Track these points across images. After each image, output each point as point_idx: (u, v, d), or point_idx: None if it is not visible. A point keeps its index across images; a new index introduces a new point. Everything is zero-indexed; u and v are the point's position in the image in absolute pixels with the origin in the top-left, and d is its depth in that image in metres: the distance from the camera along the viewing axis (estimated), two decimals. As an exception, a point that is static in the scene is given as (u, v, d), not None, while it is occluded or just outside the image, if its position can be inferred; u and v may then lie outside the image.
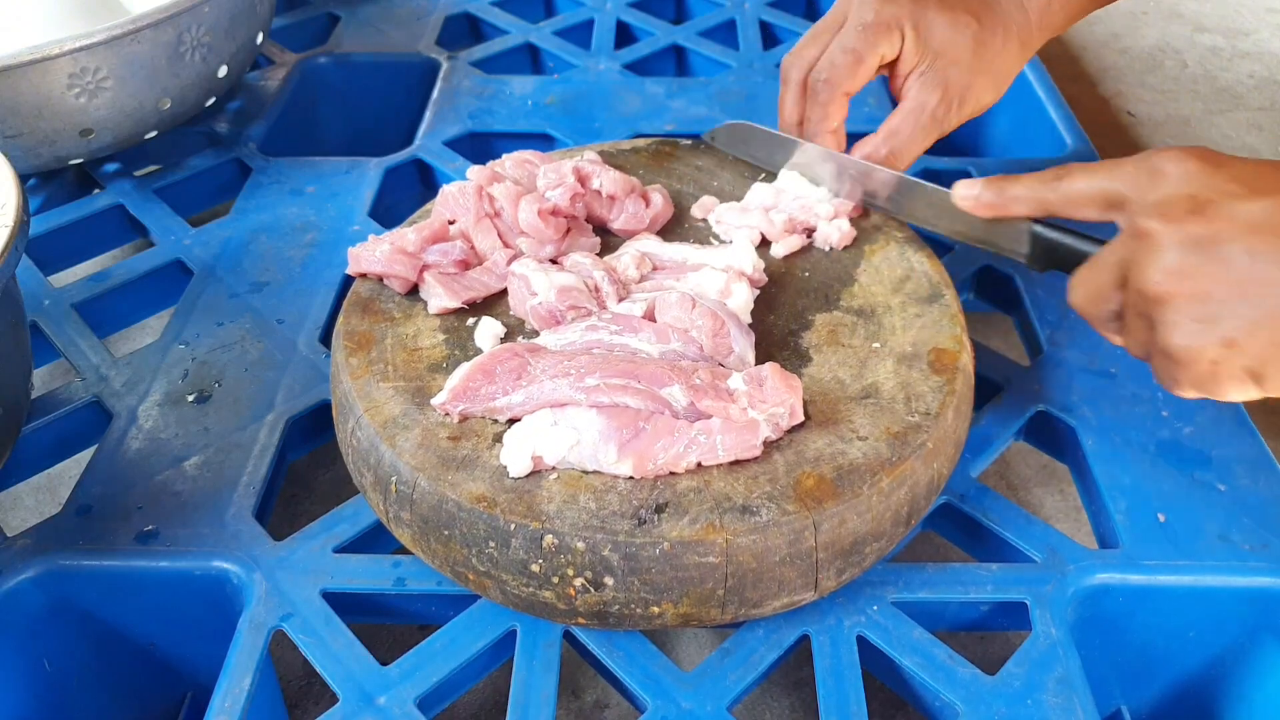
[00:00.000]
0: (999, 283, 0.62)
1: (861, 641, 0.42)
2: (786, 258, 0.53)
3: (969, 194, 0.47)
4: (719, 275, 0.48)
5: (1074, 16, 0.58)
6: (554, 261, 0.51)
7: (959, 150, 0.86)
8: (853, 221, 0.54)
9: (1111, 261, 0.40)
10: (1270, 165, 0.38)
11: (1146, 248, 0.38)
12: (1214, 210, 0.37)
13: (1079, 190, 0.42)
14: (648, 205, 0.54)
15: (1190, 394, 0.39)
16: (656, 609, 0.40)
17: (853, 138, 0.73)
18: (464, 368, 0.44)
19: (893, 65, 0.54)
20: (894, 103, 0.57)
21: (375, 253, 0.50)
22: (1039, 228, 0.47)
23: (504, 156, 0.56)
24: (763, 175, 0.58)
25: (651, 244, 0.52)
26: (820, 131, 0.54)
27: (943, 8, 0.53)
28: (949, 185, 0.73)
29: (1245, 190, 0.37)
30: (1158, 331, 0.38)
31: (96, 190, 0.69)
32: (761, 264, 0.51)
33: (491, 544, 0.40)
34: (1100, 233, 0.45)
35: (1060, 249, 0.46)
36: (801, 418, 0.42)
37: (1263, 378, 0.37)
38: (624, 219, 0.54)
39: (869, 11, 0.52)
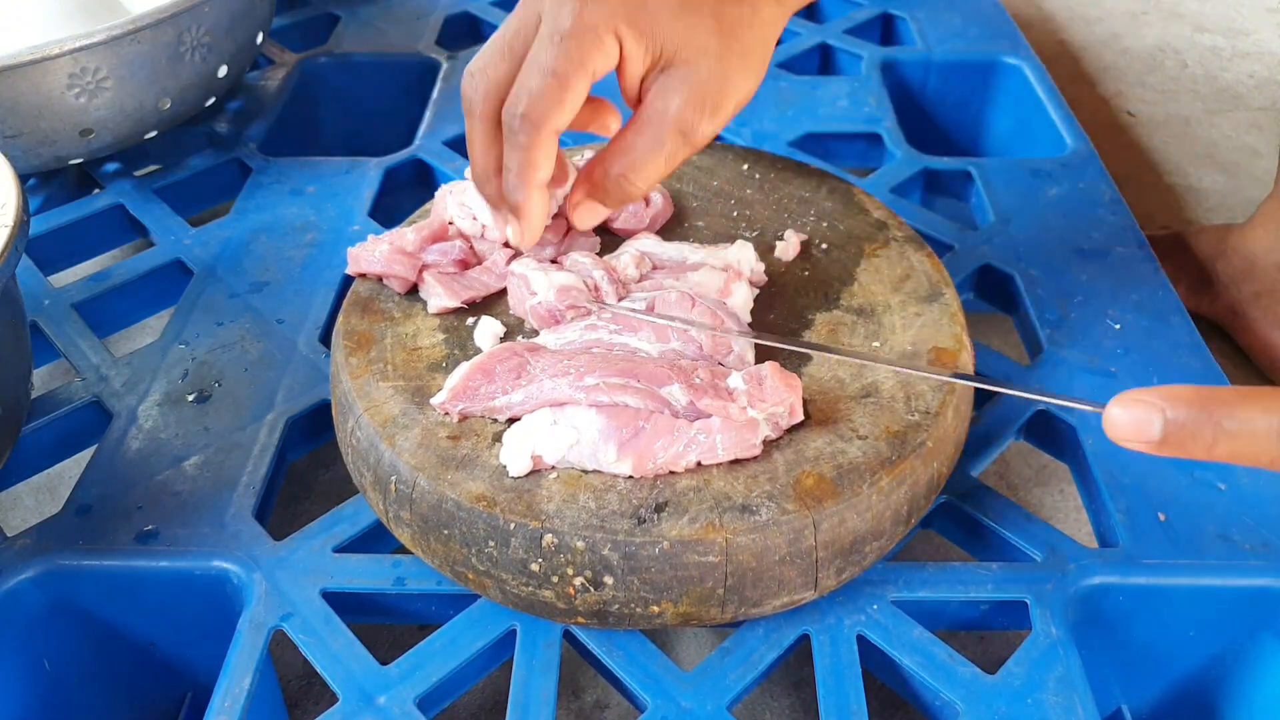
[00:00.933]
0: (999, 282, 0.62)
1: (861, 641, 0.42)
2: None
3: (1141, 427, 0.31)
4: (718, 275, 0.48)
5: None
6: (554, 261, 0.51)
7: (959, 150, 0.86)
8: (854, 222, 0.54)
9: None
10: None
11: None
12: None
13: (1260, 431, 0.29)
14: (647, 205, 0.54)
15: None
16: (656, 608, 0.40)
17: (854, 137, 0.74)
18: (463, 367, 0.44)
19: (619, 71, 0.41)
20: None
21: (374, 253, 0.50)
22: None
23: None
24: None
25: (651, 243, 0.52)
26: (523, 185, 0.41)
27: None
28: (950, 187, 0.73)
29: None
30: None
31: (96, 190, 0.69)
32: (761, 265, 0.51)
33: (491, 543, 0.40)
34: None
35: None
36: (801, 416, 0.42)
37: None
38: (623, 218, 0.54)
39: (565, 13, 0.39)
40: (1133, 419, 0.30)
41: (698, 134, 0.41)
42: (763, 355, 0.47)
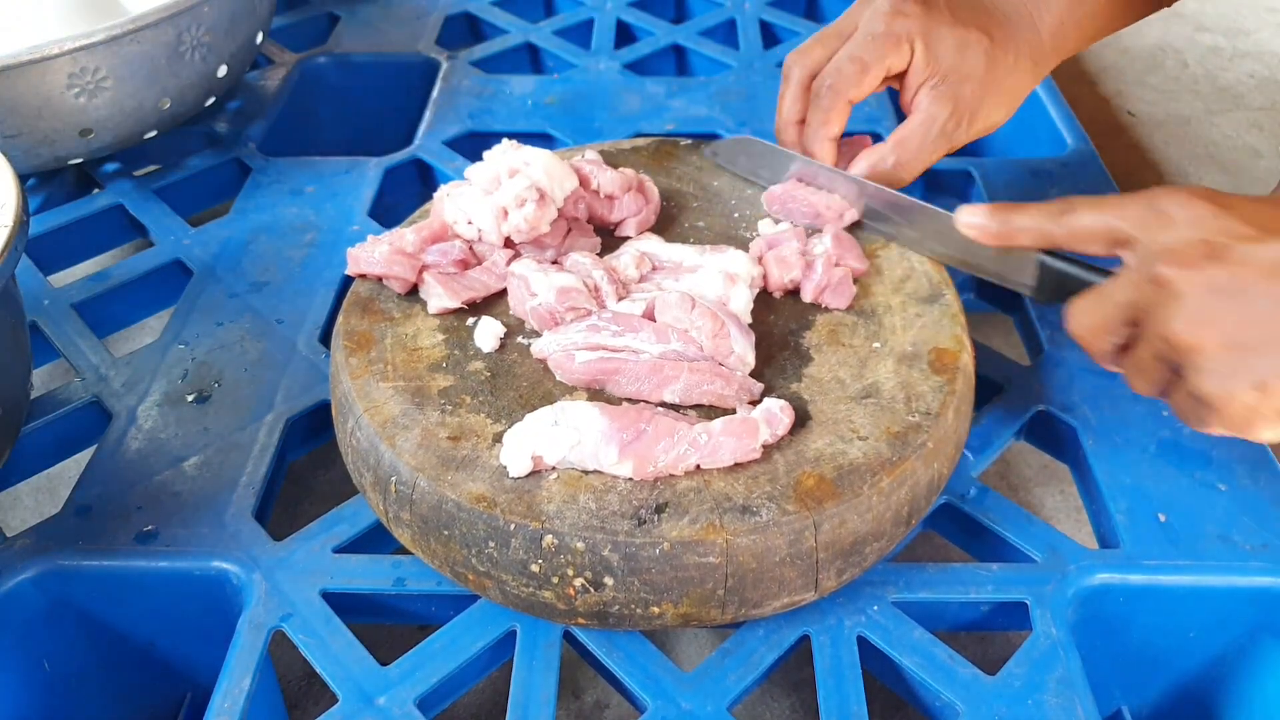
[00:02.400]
0: (999, 282, 0.62)
1: (862, 641, 0.42)
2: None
3: (974, 221, 0.46)
4: (718, 275, 0.48)
5: (1088, 39, 0.57)
6: (554, 262, 0.51)
7: (959, 150, 0.86)
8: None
9: (1120, 300, 0.40)
10: (1272, 204, 0.39)
11: (1167, 295, 0.38)
12: (1229, 255, 0.37)
13: (1085, 225, 0.42)
14: (648, 202, 0.54)
15: (1219, 433, 0.39)
16: (656, 609, 0.40)
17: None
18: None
19: (901, 78, 0.53)
20: (900, 115, 0.56)
21: (374, 254, 0.50)
22: (1047, 259, 0.46)
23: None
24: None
25: (651, 245, 0.52)
26: (819, 137, 0.53)
27: (955, 24, 0.52)
28: (950, 187, 0.73)
29: (1257, 232, 0.37)
30: (1188, 378, 0.38)
31: (96, 190, 0.69)
32: (760, 272, 0.50)
33: (491, 544, 0.40)
34: (1105, 266, 0.44)
35: (1069, 281, 0.45)
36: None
37: None
38: (622, 214, 0.54)
39: (879, 22, 0.52)
40: (969, 209, 0.46)
41: (956, 139, 0.53)
42: (763, 356, 0.47)
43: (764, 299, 0.50)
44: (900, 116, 0.77)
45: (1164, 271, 0.38)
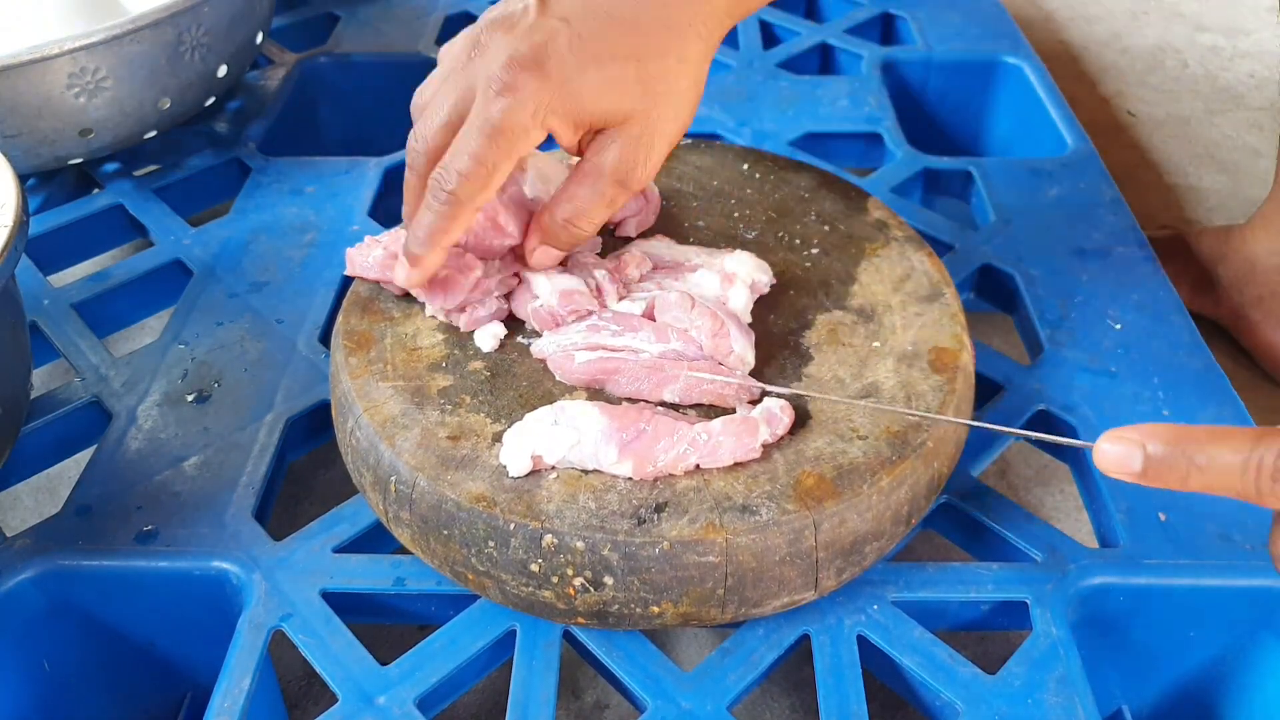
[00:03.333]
0: (999, 282, 0.62)
1: (862, 641, 0.42)
2: (786, 256, 0.53)
3: (1124, 460, 0.33)
4: (718, 275, 0.48)
5: None
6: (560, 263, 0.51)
7: (959, 150, 0.86)
8: (854, 222, 0.54)
9: None
10: None
11: None
12: None
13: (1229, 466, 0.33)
14: (648, 202, 0.54)
15: None
16: (656, 608, 0.40)
17: (854, 137, 0.74)
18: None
19: (555, 138, 0.44)
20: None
21: (369, 257, 0.50)
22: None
23: None
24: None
25: (653, 245, 0.52)
26: (432, 245, 0.44)
27: (589, 63, 0.41)
28: (950, 187, 0.73)
29: None
30: None
31: (96, 190, 0.69)
32: (765, 276, 0.50)
33: (491, 543, 0.40)
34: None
35: None
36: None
37: None
38: (623, 213, 0.54)
39: (495, 107, 0.41)
40: (1118, 454, 0.34)
41: (634, 181, 0.44)
42: (763, 356, 0.47)
43: (764, 298, 0.50)
44: (901, 112, 0.77)
45: None
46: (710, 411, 0.44)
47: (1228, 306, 0.74)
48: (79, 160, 0.66)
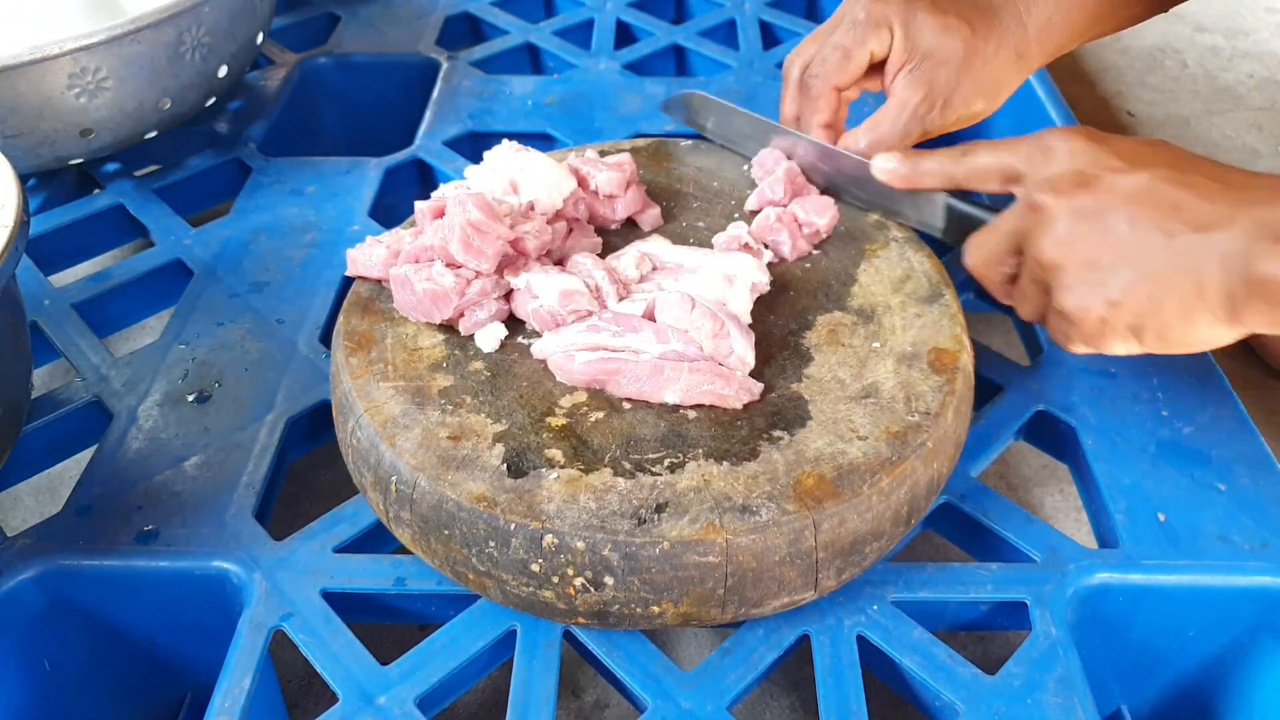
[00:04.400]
0: (999, 282, 0.62)
1: (861, 641, 0.42)
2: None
3: (886, 166, 0.51)
4: (718, 276, 0.48)
5: (1076, 37, 0.57)
6: (557, 263, 0.51)
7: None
8: (854, 222, 0.54)
9: (1006, 230, 0.45)
10: (1147, 142, 0.43)
11: (1040, 219, 0.43)
12: (1097, 184, 0.41)
13: (981, 165, 0.47)
14: (645, 210, 0.54)
15: (1081, 350, 0.44)
16: (656, 608, 0.40)
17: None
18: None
19: (883, 64, 0.55)
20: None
21: (371, 257, 0.50)
22: (952, 200, 0.50)
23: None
24: (747, 166, 0.59)
25: (653, 245, 0.52)
26: (811, 126, 0.55)
27: (934, 10, 0.53)
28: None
29: (1125, 165, 0.41)
30: (1053, 295, 0.43)
31: (97, 190, 0.69)
32: (766, 277, 0.50)
33: (491, 543, 0.40)
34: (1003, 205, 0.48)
35: (970, 221, 0.50)
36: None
37: (1142, 331, 0.41)
38: (626, 211, 0.54)
39: (860, 10, 0.53)
40: (884, 155, 0.51)
41: (930, 123, 0.53)
42: (763, 356, 0.47)
43: (764, 299, 0.50)
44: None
45: (1039, 197, 0.43)
46: (711, 412, 0.44)
47: None
48: (80, 160, 0.66)
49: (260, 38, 0.72)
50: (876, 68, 0.55)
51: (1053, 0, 0.55)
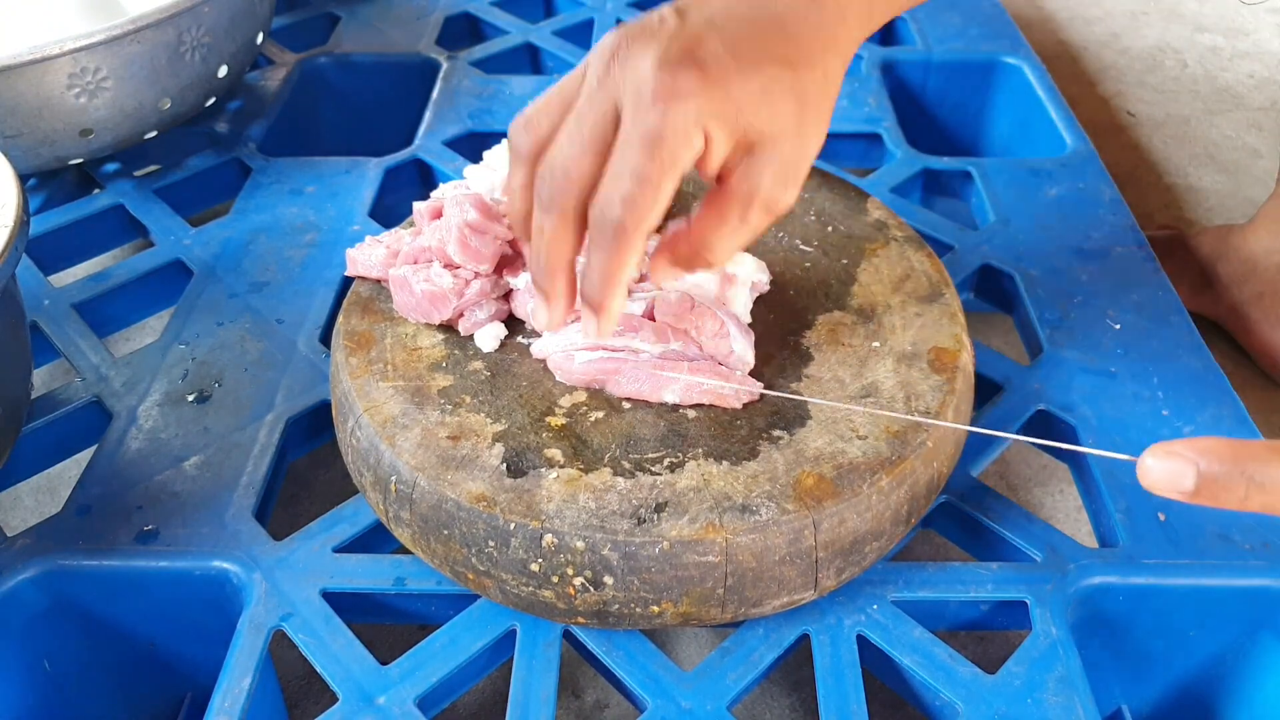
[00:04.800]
0: (999, 282, 0.62)
1: (861, 640, 0.42)
2: (786, 256, 0.53)
3: (1176, 478, 0.31)
4: (718, 276, 0.48)
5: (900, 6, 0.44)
6: None
7: (959, 150, 0.86)
8: (854, 222, 0.54)
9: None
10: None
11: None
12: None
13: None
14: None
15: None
16: (656, 608, 0.40)
17: (854, 137, 0.74)
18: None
19: (701, 158, 0.38)
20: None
21: (370, 256, 0.50)
22: None
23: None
24: None
25: (652, 244, 0.52)
26: (610, 286, 0.39)
27: (747, 67, 0.37)
28: (950, 188, 0.73)
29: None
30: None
31: (96, 190, 0.69)
32: (765, 277, 0.50)
33: (491, 543, 0.40)
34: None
35: None
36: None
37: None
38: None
39: (653, 115, 0.36)
40: (1167, 471, 0.31)
41: (782, 206, 0.40)
42: (763, 356, 0.47)
43: (764, 298, 0.50)
44: (901, 112, 0.77)
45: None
46: (711, 411, 0.44)
47: (1226, 305, 0.74)
48: (79, 160, 0.66)
49: (260, 38, 0.72)
50: None
51: None
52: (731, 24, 0.38)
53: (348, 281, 0.60)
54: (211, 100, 0.70)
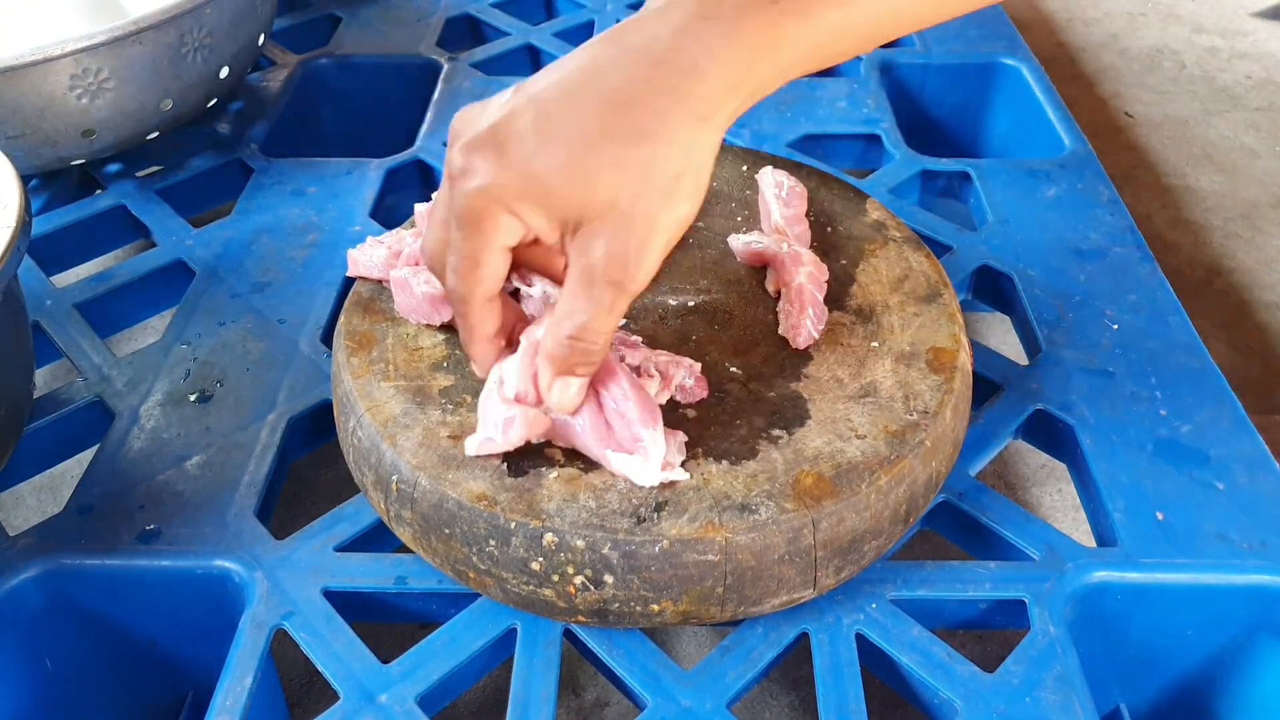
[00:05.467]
0: (997, 282, 0.62)
1: (860, 639, 0.42)
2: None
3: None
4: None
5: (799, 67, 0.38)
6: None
7: (958, 151, 0.86)
8: (852, 222, 0.54)
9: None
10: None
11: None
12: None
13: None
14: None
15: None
16: (656, 607, 0.40)
17: (852, 138, 0.74)
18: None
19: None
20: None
21: (372, 257, 0.50)
22: None
23: None
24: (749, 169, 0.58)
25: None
26: (475, 341, 0.42)
27: (554, 143, 0.36)
28: (948, 188, 0.73)
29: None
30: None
31: (98, 191, 0.69)
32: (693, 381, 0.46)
33: (492, 542, 0.40)
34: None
35: None
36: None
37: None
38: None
39: (455, 195, 0.37)
40: None
41: (632, 281, 0.37)
42: (763, 356, 0.47)
43: (763, 298, 0.50)
44: (900, 114, 0.77)
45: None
46: (710, 411, 0.44)
47: None
48: (81, 161, 0.66)
49: (262, 39, 0.72)
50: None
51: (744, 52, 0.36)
52: (555, 100, 0.36)
53: (349, 282, 0.60)
54: (213, 101, 0.70)
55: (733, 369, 0.46)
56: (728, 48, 0.36)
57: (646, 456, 0.40)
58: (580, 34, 0.88)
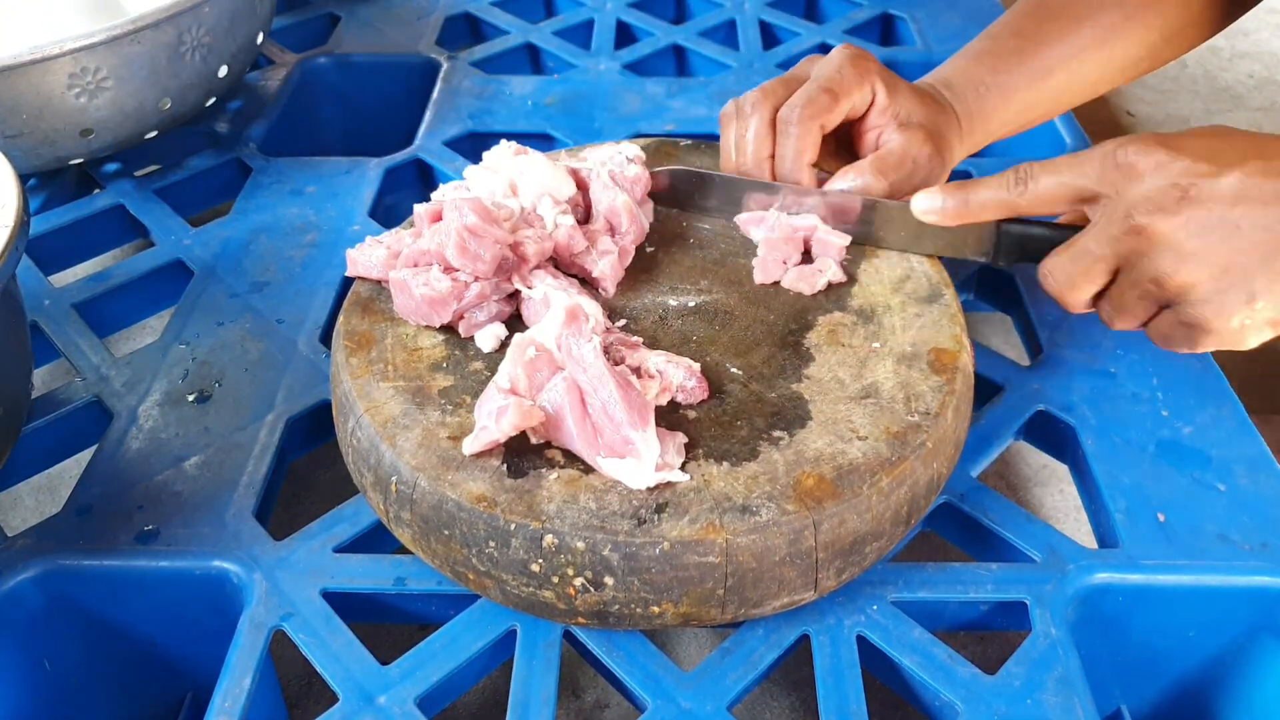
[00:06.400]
0: (999, 283, 0.62)
1: (861, 641, 0.42)
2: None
3: (931, 205, 0.48)
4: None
5: (1003, 126, 0.58)
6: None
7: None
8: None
9: (1101, 252, 0.44)
10: (1210, 133, 0.43)
11: (1153, 241, 0.42)
12: (1198, 194, 0.41)
13: (1047, 190, 0.45)
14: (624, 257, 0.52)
15: (1209, 348, 0.44)
16: (656, 609, 0.40)
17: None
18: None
19: (858, 124, 0.53)
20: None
21: (371, 257, 0.50)
22: (1006, 224, 0.49)
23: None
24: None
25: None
26: (800, 165, 0.51)
27: (909, 85, 0.53)
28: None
29: (1212, 168, 0.41)
30: (1182, 309, 0.43)
31: (97, 190, 0.69)
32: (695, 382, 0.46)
33: (491, 544, 0.40)
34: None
35: (1031, 242, 0.49)
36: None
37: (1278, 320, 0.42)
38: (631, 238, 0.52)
39: (844, 62, 0.51)
40: (923, 194, 0.49)
41: (932, 177, 0.52)
42: (763, 356, 0.47)
43: (764, 298, 0.50)
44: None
45: (1144, 221, 0.42)
46: (710, 411, 0.44)
47: None
48: (80, 160, 0.66)
49: (260, 38, 0.72)
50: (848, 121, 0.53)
51: (977, 92, 0.55)
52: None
53: (348, 282, 0.60)
54: (212, 100, 0.70)
55: (733, 369, 0.46)
56: None
57: (639, 458, 0.40)
58: (580, 32, 0.87)
